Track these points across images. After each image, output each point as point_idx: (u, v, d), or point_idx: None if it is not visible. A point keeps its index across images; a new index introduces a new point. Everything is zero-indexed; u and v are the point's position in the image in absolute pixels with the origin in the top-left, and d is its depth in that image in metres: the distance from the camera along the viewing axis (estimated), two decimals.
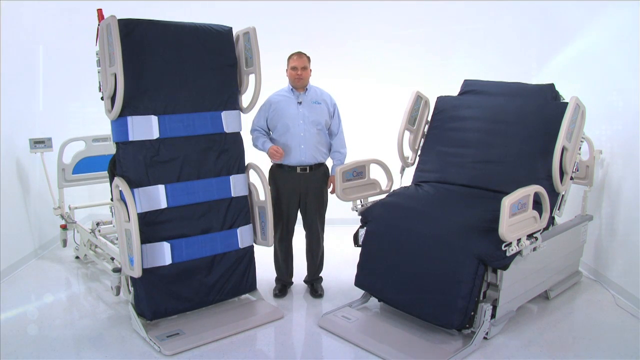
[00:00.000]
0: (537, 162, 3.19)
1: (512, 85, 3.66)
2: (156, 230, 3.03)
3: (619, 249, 3.73)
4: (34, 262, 4.33)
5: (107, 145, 4.40)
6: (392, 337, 2.99)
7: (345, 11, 5.27)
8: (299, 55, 3.47)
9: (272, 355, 2.98)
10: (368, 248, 3.30)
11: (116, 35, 2.78)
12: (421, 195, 3.38)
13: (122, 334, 3.09)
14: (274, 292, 3.68)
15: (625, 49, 3.68)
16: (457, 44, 5.29)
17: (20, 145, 4.21)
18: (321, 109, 3.52)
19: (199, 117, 3.18)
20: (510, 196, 2.66)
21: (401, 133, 3.62)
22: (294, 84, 3.51)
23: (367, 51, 5.34)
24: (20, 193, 4.28)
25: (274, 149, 3.41)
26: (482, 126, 3.52)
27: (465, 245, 2.85)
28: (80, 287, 3.91)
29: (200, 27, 3.19)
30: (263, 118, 3.53)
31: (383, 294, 3.23)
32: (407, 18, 5.26)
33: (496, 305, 2.93)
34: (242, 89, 3.39)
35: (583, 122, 3.22)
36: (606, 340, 3.08)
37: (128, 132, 2.96)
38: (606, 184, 3.88)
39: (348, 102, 4.19)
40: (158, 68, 3.02)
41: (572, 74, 4.40)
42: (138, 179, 2.99)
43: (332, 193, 3.58)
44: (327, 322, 3.19)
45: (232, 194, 3.29)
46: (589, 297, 3.66)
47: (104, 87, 2.94)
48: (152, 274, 3.01)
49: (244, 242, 3.35)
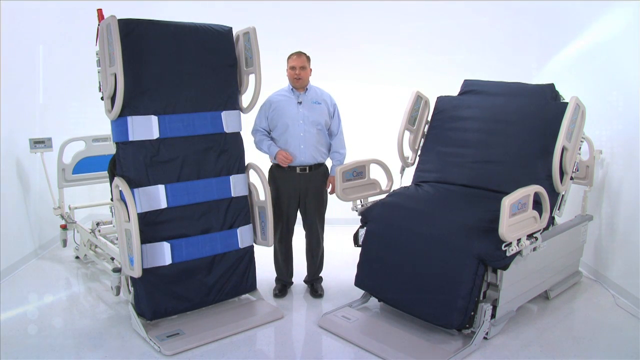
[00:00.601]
0: (537, 162, 3.19)
1: (512, 85, 3.66)
2: (156, 230, 3.03)
3: (619, 249, 3.73)
4: (34, 262, 4.33)
5: (107, 145, 4.39)
6: (392, 337, 2.99)
7: (346, 11, 5.27)
8: (298, 55, 3.47)
9: (272, 355, 2.98)
10: (368, 248, 3.30)
11: (116, 35, 2.78)
12: (421, 195, 3.38)
13: (122, 334, 3.09)
14: (274, 292, 3.68)
15: (625, 49, 3.68)
16: (457, 43, 5.29)
17: (20, 145, 4.21)
18: (321, 109, 3.52)
19: (199, 117, 3.18)
20: (510, 196, 2.66)
21: (401, 133, 3.62)
22: (293, 84, 3.51)
23: (367, 51, 5.33)
24: (20, 193, 4.27)
25: (283, 155, 3.41)
26: (482, 126, 3.52)
27: (465, 245, 2.85)
28: (80, 287, 3.90)
29: (200, 27, 3.19)
30: (264, 118, 3.53)
31: (383, 294, 3.23)
32: (408, 18, 5.27)
33: (496, 305, 2.93)
34: (242, 89, 3.39)
35: (583, 122, 3.22)
36: (606, 340, 3.08)
37: (128, 132, 2.95)
38: (606, 184, 3.88)
39: (348, 102, 4.19)
40: (158, 68, 3.02)
41: (572, 74, 4.40)
42: (138, 179, 2.98)
43: (331, 194, 3.58)
44: (327, 322, 3.19)
45: (232, 194, 3.29)
46: (589, 297, 3.66)
47: (104, 87, 2.94)
48: (152, 274, 3.01)
49: (244, 242, 3.34)
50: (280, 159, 3.43)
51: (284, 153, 3.42)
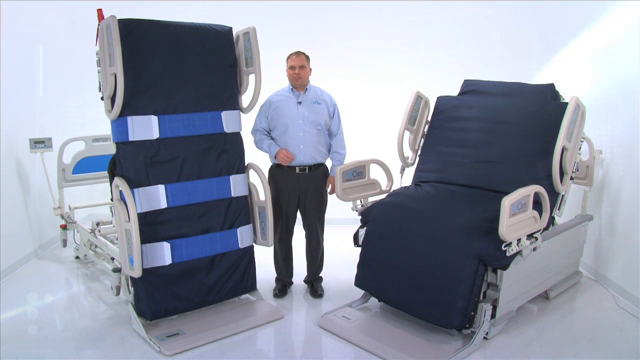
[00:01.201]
0: (537, 162, 3.19)
1: (512, 85, 3.66)
2: (156, 230, 3.03)
3: (619, 249, 3.73)
4: (34, 262, 4.33)
5: (107, 145, 4.39)
6: (392, 337, 2.99)
7: (346, 11, 5.28)
8: (297, 55, 3.47)
9: (272, 355, 2.98)
10: (368, 248, 3.30)
11: (116, 35, 2.78)
12: (421, 195, 3.38)
13: (122, 334, 3.09)
14: (274, 292, 3.68)
15: (625, 49, 3.68)
16: (457, 43, 5.29)
17: (20, 145, 4.21)
18: (321, 109, 3.52)
19: (199, 117, 3.18)
20: (510, 196, 2.66)
21: (401, 133, 3.62)
22: (293, 84, 3.51)
23: (367, 51, 5.34)
24: (20, 193, 4.28)
25: (284, 153, 3.41)
26: (482, 126, 3.51)
27: (465, 245, 2.85)
28: (80, 287, 3.91)
29: (200, 27, 3.19)
30: (264, 118, 3.53)
31: (383, 293, 3.23)
32: (408, 18, 5.26)
33: (496, 305, 2.93)
34: (242, 89, 3.39)
35: (583, 122, 3.22)
36: (606, 340, 3.08)
37: (128, 132, 2.95)
38: (606, 184, 3.88)
39: (348, 103, 4.18)
40: (158, 68, 3.02)
41: (572, 73, 4.40)
42: (138, 179, 2.98)
43: (331, 194, 3.58)
44: (327, 322, 3.19)
45: (232, 194, 3.29)
46: (589, 297, 3.66)
47: (104, 87, 2.94)
48: (152, 274, 3.01)
49: (244, 242, 3.34)
50: (281, 158, 3.43)
51: (285, 152, 3.42)
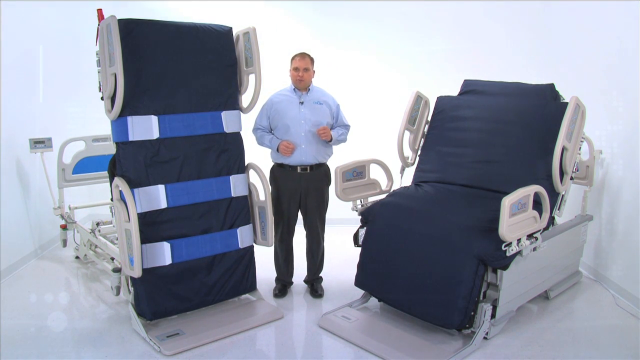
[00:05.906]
0: (537, 162, 3.18)
1: (512, 85, 3.65)
2: (156, 230, 3.03)
3: (619, 249, 3.73)
4: (34, 262, 4.33)
5: (107, 145, 4.39)
6: (392, 337, 2.99)
7: (346, 11, 5.28)
8: (302, 56, 3.47)
9: (272, 355, 2.98)
10: (368, 248, 3.30)
11: (116, 35, 2.78)
12: (421, 195, 3.38)
13: (122, 334, 3.09)
14: (274, 292, 3.68)
15: (625, 49, 3.68)
16: (457, 43, 5.28)
17: (20, 145, 4.21)
18: (323, 110, 3.52)
19: (199, 117, 3.18)
20: (510, 196, 2.66)
21: (401, 133, 3.62)
22: (295, 85, 3.50)
23: (367, 51, 5.33)
24: (20, 193, 4.27)
25: (284, 144, 3.40)
26: (482, 126, 3.51)
27: (466, 245, 2.85)
28: (80, 287, 3.90)
29: (200, 27, 3.19)
30: (265, 117, 3.53)
31: (383, 294, 3.23)
32: (408, 18, 5.26)
33: (496, 305, 2.93)
34: (242, 89, 3.39)
35: (583, 122, 3.22)
36: (606, 340, 3.08)
37: (128, 132, 2.96)
38: (606, 184, 3.88)
39: (348, 102, 4.18)
40: (158, 68, 3.02)
41: (572, 74, 4.40)
42: (138, 179, 2.99)
43: (324, 135, 3.42)
44: (327, 322, 3.19)
45: (232, 194, 3.29)
46: (589, 297, 3.66)
47: (104, 87, 2.94)
48: (152, 274, 3.01)
49: (244, 242, 3.34)
50: (282, 149, 3.42)
51: (285, 142, 3.41)
